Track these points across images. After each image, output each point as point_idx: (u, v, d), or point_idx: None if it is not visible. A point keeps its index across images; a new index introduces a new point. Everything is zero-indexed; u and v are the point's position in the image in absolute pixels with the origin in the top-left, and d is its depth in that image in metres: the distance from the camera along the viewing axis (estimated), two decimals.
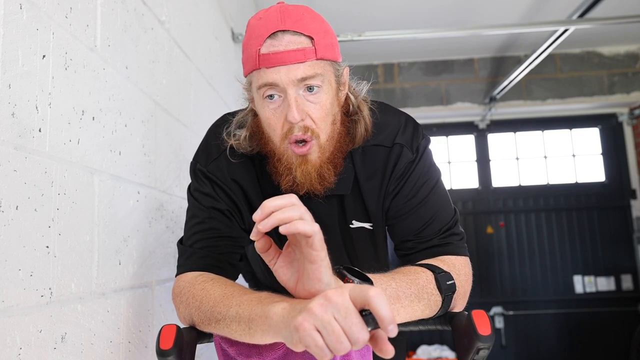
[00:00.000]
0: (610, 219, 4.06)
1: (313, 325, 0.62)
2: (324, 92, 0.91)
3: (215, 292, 0.86)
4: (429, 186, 1.01)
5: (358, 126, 0.99)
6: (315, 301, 0.63)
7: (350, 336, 0.60)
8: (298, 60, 0.86)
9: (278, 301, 0.73)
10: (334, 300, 0.62)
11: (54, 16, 0.85)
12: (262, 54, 0.87)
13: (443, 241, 0.98)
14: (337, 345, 0.60)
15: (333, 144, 0.95)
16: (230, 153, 1.01)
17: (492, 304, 3.98)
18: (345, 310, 0.61)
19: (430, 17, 3.32)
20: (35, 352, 0.76)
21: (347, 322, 0.61)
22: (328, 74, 0.91)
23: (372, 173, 1.02)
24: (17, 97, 0.75)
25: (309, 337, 0.61)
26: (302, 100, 0.89)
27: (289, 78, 0.87)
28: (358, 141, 1.00)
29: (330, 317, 0.61)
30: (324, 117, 0.91)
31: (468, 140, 4.26)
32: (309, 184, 0.94)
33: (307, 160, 0.93)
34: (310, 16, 0.91)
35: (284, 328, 0.68)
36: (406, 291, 0.84)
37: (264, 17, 0.90)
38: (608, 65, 3.99)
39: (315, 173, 0.93)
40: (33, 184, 0.77)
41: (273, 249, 0.77)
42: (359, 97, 1.02)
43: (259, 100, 0.93)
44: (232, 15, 2.32)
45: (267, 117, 0.92)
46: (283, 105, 0.90)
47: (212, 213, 1.00)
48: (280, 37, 0.87)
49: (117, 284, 1.04)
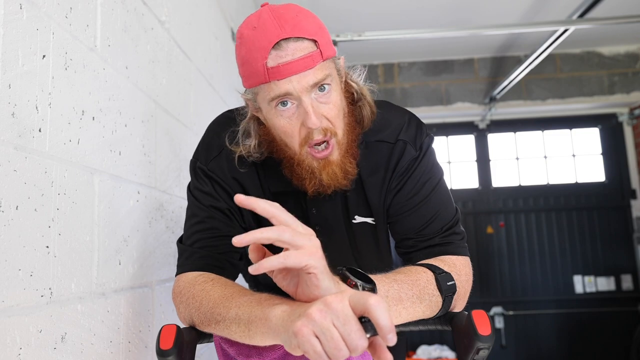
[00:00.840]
0: (610, 219, 4.06)
1: (312, 331, 0.61)
2: (333, 90, 0.91)
3: (215, 293, 0.86)
4: (431, 184, 1.00)
5: (364, 110, 1.00)
6: (314, 307, 0.63)
7: (349, 343, 0.60)
8: (308, 67, 0.86)
9: (278, 303, 0.73)
10: (334, 306, 0.62)
11: (54, 16, 0.85)
12: (270, 67, 0.85)
13: (444, 240, 0.98)
14: (335, 351, 0.60)
15: (347, 136, 0.96)
16: (238, 163, 1.00)
17: (492, 304, 3.98)
18: (345, 317, 0.61)
19: (430, 17, 3.32)
20: (35, 352, 0.76)
21: (346, 329, 0.60)
22: (333, 71, 0.91)
23: (375, 168, 1.02)
24: (17, 97, 0.75)
25: (308, 343, 0.61)
26: (316, 104, 0.89)
27: (301, 86, 0.86)
28: (367, 124, 1.00)
29: (329, 324, 0.61)
30: (337, 114, 0.92)
31: (468, 140, 4.26)
32: (336, 182, 0.94)
33: (329, 162, 0.93)
34: (304, 16, 0.89)
35: (283, 332, 0.68)
36: (408, 293, 0.84)
37: (259, 26, 0.87)
38: (608, 65, 3.99)
39: (340, 171, 0.94)
40: (33, 184, 0.77)
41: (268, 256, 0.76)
42: (359, 82, 1.01)
43: (269, 110, 0.91)
44: (232, 15, 2.32)
45: (282, 126, 0.91)
46: (298, 112, 0.89)
47: (212, 212, 1.00)
48: (285, 46, 0.85)
49: (117, 284, 1.04)
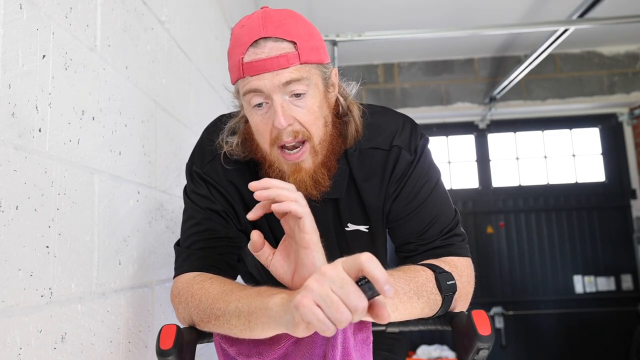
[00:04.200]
0: (610, 219, 4.06)
1: (312, 300, 0.63)
2: (310, 96, 0.90)
3: (214, 289, 0.87)
4: (429, 187, 1.00)
5: (349, 127, 0.99)
6: (311, 278, 0.65)
7: (349, 304, 0.62)
8: (281, 66, 0.86)
9: (277, 293, 0.74)
10: (329, 273, 0.64)
11: (54, 16, 0.85)
12: (245, 63, 0.87)
13: (445, 242, 0.98)
14: (337, 315, 0.62)
15: (326, 146, 0.95)
16: (224, 159, 1.01)
17: (492, 304, 3.98)
18: (341, 280, 0.63)
19: (430, 17, 3.32)
20: (35, 352, 0.76)
21: (345, 292, 0.62)
22: (314, 77, 0.90)
23: (370, 174, 1.01)
24: (17, 97, 0.75)
25: (310, 312, 0.63)
26: (289, 105, 0.89)
27: (272, 84, 0.87)
28: (350, 142, 0.99)
29: (328, 290, 0.63)
30: (313, 120, 0.91)
31: (468, 140, 4.26)
32: (304, 190, 0.93)
33: (300, 168, 0.93)
34: (293, 20, 0.90)
35: (283, 315, 0.69)
36: (405, 287, 0.84)
37: (247, 24, 0.89)
38: (608, 65, 3.99)
39: (309, 180, 0.94)
40: (33, 184, 0.77)
41: (267, 247, 0.80)
42: (348, 98, 1.01)
43: (247, 107, 0.93)
44: (232, 15, 2.32)
45: (255, 124, 0.92)
46: (270, 112, 0.89)
47: (208, 214, 1.00)
48: (263, 44, 0.87)
49: (117, 284, 1.04)
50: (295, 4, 2.98)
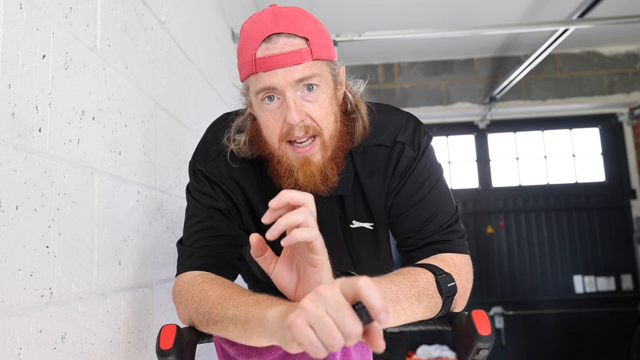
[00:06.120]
0: (610, 219, 4.06)
1: (305, 321, 0.60)
2: (321, 92, 0.91)
3: (214, 293, 0.86)
4: (430, 183, 1.01)
5: (357, 124, 0.99)
6: (306, 297, 0.62)
7: (343, 330, 0.59)
8: (294, 62, 0.87)
9: (275, 304, 0.73)
10: (325, 294, 0.61)
11: (54, 16, 0.85)
12: (258, 58, 0.87)
13: (444, 237, 0.98)
14: (330, 340, 0.59)
15: (335, 142, 0.96)
16: (230, 158, 1.01)
17: (492, 304, 3.98)
18: (337, 303, 0.60)
19: (430, 17, 3.32)
20: (35, 352, 0.76)
21: (340, 316, 0.59)
22: (325, 73, 0.91)
23: (373, 171, 1.02)
24: (17, 97, 0.75)
25: (302, 333, 0.60)
26: (301, 101, 0.89)
27: (286, 80, 0.87)
28: (357, 139, 1.00)
29: (322, 312, 0.60)
30: (325, 116, 0.91)
31: (468, 140, 4.26)
32: (313, 185, 0.93)
33: (309, 162, 0.93)
34: (303, 17, 0.91)
35: (278, 329, 0.67)
36: (406, 293, 0.84)
37: (258, 20, 0.90)
38: (608, 65, 3.99)
39: (318, 174, 0.93)
40: (33, 184, 0.77)
41: (269, 253, 0.77)
42: (357, 95, 1.02)
43: (257, 103, 0.93)
44: (232, 15, 2.32)
45: (265, 119, 0.92)
46: (282, 107, 0.90)
47: (211, 212, 1.00)
48: (275, 40, 0.87)
49: (117, 284, 1.04)
50: (296, 4, 2.98)
